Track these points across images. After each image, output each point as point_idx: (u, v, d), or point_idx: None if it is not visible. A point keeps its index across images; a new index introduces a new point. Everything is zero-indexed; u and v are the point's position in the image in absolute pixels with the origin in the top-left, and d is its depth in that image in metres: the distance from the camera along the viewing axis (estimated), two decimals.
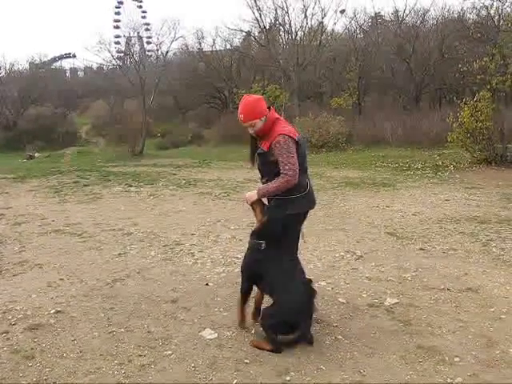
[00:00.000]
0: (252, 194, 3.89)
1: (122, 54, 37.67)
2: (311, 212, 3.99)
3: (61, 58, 62.57)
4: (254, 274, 3.91)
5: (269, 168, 3.87)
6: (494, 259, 5.66)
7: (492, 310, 4.26)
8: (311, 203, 3.96)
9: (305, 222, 4.02)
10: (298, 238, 4.03)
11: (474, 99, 13.17)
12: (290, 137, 3.76)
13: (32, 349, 3.68)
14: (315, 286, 4.80)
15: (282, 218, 3.77)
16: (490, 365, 3.38)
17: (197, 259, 5.81)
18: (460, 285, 4.86)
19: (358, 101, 28.79)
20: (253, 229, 4.01)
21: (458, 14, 28.16)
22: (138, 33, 39.31)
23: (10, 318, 4.21)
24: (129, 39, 37.76)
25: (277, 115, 3.93)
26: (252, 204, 3.91)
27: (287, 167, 3.71)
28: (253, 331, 3.93)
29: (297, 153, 3.77)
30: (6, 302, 4.56)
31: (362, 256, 5.86)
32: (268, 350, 3.59)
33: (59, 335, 3.90)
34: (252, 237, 3.95)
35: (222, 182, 11.90)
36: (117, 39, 41.30)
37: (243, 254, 5.71)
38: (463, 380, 3.21)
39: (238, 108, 3.96)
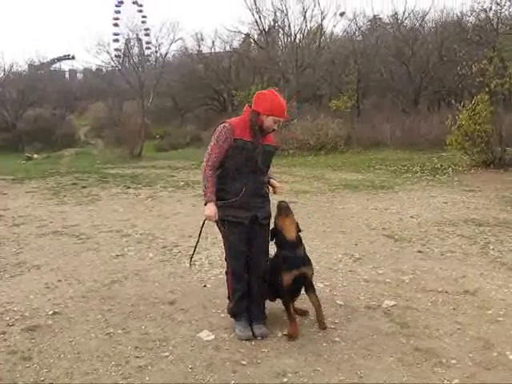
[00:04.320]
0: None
1: (121, 53, 37.67)
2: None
3: (60, 59, 62.40)
4: None
5: (270, 161, 3.99)
6: (492, 262, 5.67)
7: (489, 312, 4.27)
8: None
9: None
10: None
11: (473, 102, 13.18)
12: None
13: (29, 350, 3.68)
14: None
15: None
16: (487, 367, 3.38)
17: (195, 261, 5.81)
18: (458, 287, 4.86)
19: (357, 103, 28.79)
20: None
21: (457, 17, 28.21)
22: (137, 34, 39.34)
23: (7, 318, 4.22)
24: (128, 41, 37.77)
25: None
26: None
27: None
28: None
29: None
30: (3, 302, 4.56)
31: (360, 258, 5.87)
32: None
33: (57, 336, 3.90)
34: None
35: None
36: (115, 37, 41.24)
37: None
38: (460, 382, 3.21)
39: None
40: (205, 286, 5.02)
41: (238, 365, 3.46)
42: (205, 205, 3.84)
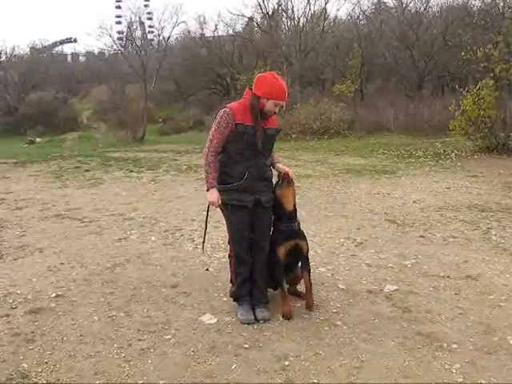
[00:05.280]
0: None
1: (123, 36, 37.49)
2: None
3: (62, 42, 62.31)
4: None
5: (272, 144, 3.98)
6: (494, 247, 5.66)
7: (491, 297, 4.27)
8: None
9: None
10: None
11: (477, 87, 13.07)
12: None
13: (33, 332, 3.70)
14: (315, 271, 4.85)
15: None
16: (488, 352, 3.40)
17: (197, 244, 5.82)
18: (460, 272, 4.86)
19: (361, 88, 28.63)
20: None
21: (463, 1, 27.90)
22: (140, 18, 39.05)
23: (10, 301, 4.24)
24: (130, 24, 37.49)
25: None
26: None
27: None
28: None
29: None
30: (6, 285, 4.59)
31: (362, 243, 5.87)
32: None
33: (60, 319, 3.92)
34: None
35: None
36: (118, 19, 41.02)
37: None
38: (461, 366, 3.23)
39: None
40: (207, 269, 5.04)
41: (240, 348, 3.48)
42: (207, 191, 3.83)
